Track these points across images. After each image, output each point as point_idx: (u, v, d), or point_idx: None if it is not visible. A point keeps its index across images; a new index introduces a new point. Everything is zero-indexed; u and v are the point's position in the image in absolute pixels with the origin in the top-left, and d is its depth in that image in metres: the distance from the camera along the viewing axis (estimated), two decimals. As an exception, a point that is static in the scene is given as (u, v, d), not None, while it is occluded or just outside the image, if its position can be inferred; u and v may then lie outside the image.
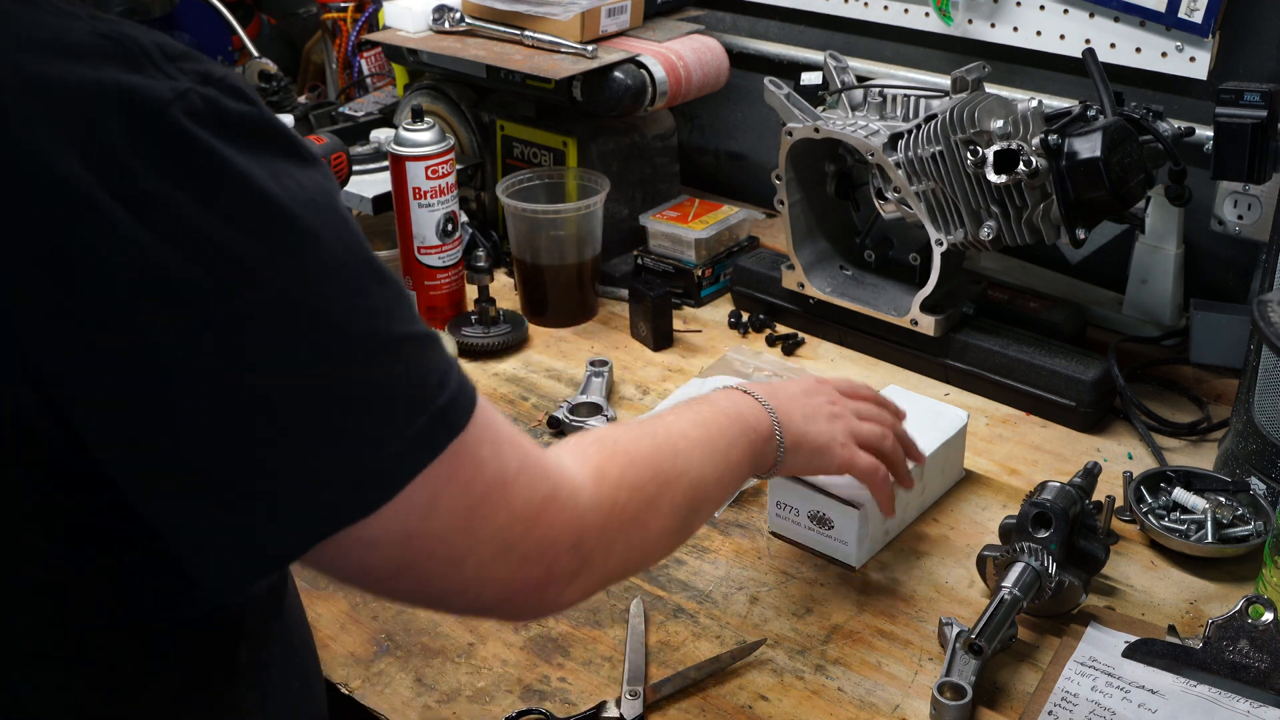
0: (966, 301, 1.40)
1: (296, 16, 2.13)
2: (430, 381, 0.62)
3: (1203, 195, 1.38)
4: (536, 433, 1.31)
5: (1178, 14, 1.37)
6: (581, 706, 0.95)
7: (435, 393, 0.62)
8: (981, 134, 1.23)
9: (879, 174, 1.33)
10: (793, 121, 1.38)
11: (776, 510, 1.12)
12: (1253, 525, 1.10)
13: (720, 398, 0.94)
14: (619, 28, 1.61)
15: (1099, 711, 0.92)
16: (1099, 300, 1.51)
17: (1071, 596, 1.01)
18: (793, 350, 1.47)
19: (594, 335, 1.53)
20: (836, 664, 0.99)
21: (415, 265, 1.49)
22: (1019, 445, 1.28)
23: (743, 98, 1.84)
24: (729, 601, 1.06)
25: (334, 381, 0.57)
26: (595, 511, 0.70)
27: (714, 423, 0.88)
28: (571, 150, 1.59)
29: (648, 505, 0.76)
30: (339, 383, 0.57)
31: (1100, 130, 1.18)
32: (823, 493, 1.08)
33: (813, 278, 1.46)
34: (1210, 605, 1.04)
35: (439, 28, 1.64)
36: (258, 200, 0.55)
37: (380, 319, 0.59)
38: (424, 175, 1.44)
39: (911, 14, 1.61)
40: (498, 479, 0.64)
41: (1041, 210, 1.23)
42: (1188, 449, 1.27)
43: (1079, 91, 1.46)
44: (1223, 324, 1.35)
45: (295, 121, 1.54)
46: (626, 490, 0.74)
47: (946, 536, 1.14)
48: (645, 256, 1.60)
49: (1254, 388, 1.14)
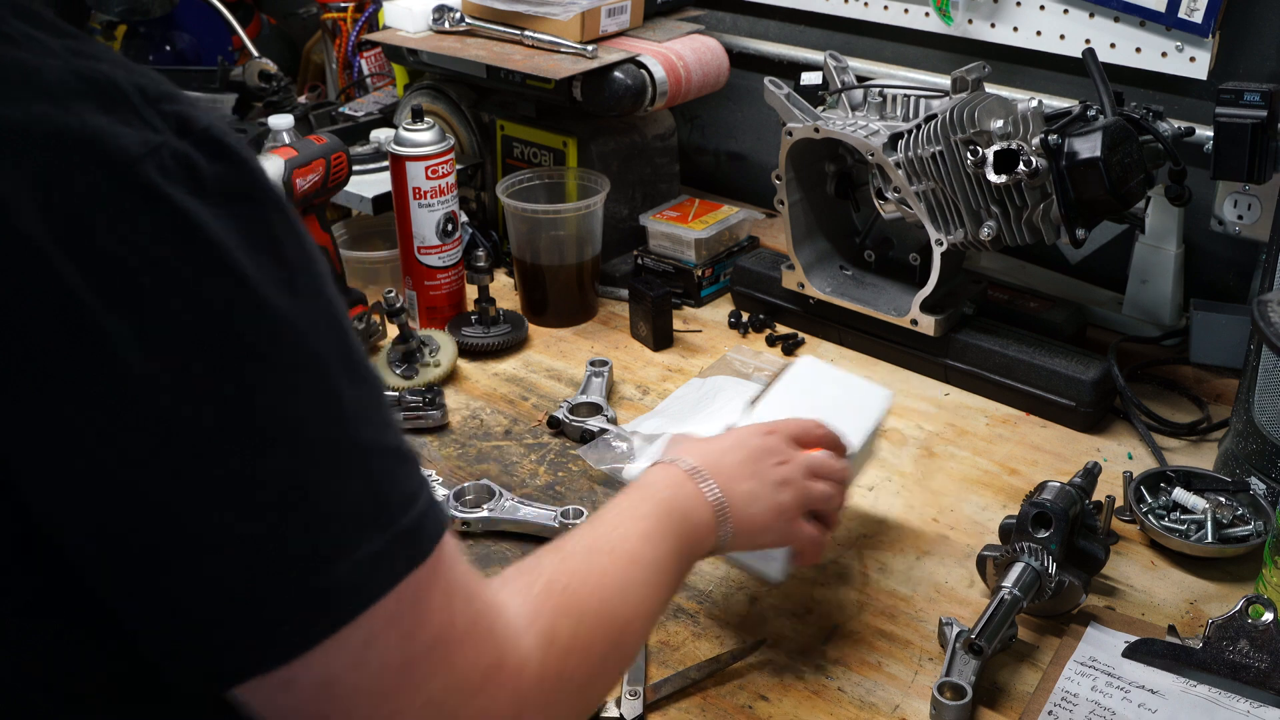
0: (966, 301, 1.40)
1: (296, 16, 2.13)
2: (393, 499, 0.55)
3: (1203, 195, 1.38)
4: (536, 432, 1.32)
5: (1178, 14, 1.37)
6: (581, 706, 0.95)
7: (398, 512, 0.55)
8: (981, 134, 1.23)
9: (879, 174, 1.33)
10: (793, 121, 1.38)
11: None
12: (1253, 525, 1.10)
13: (665, 491, 0.86)
14: (619, 28, 1.61)
15: (1099, 711, 0.92)
16: (1099, 300, 1.51)
17: (1071, 596, 1.01)
18: (793, 350, 1.47)
19: (594, 335, 1.53)
20: (836, 664, 0.99)
21: (415, 265, 1.49)
22: (1019, 445, 1.28)
23: (743, 98, 1.84)
24: (729, 601, 1.06)
25: (279, 486, 0.51)
26: (541, 685, 0.63)
27: (661, 540, 0.80)
28: (571, 150, 1.59)
29: (597, 669, 0.69)
30: (287, 489, 0.51)
31: (1100, 130, 1.18)
32: (736, 562, 1.02)
33: (813, 278, 1.46)
34: (1210, 605, 1.04)
35: (439, 28, 1.64)
36: (225, 274, 0.50)
37: (347, 423, 0.54)
38: (424, 175, 1.44)
39: (911, 14, 1.61)
40: (443, 635, 0.57)
41: (1041, 210, 1.23)
42: (1188, 449, 1.27)
43: (1079, 91, 1.46)
44: (1223, 324, 1.35)
45: (295, 121, 1.54)
46: (577, 656, 0.66)
47: (946, 536, 1.14)
48: (645, 256, 1.60)
49: (1254, 388, 1.14)
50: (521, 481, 1.23)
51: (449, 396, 1.37)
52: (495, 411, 1.36)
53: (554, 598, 0.68)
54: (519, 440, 1.31)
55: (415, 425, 1.32)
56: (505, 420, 1.34)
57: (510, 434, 1.32)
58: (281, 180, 1.32)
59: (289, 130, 1.50)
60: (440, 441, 1.31)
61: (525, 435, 1.32)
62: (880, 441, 1.19)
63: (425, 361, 1.41)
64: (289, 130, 1.50)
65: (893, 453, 1.27)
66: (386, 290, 1.38)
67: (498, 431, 1.32)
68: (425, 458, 1.28)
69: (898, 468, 1.24)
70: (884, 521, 1.16)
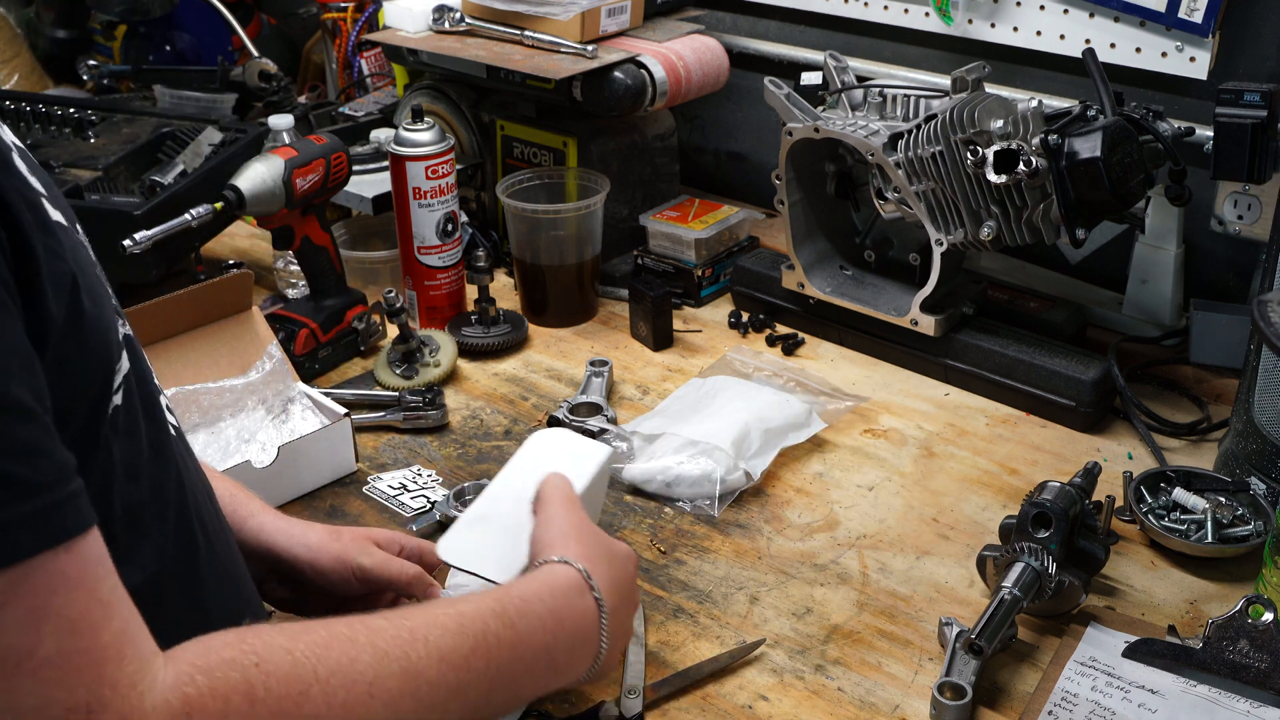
0: (966, 301, 1.40)
1: (296, 16, 2.13)
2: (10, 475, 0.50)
3: (1203, 195, 1.38)
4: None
5: (1178, 14, 1.37)
6: (581, 706, 0.95)
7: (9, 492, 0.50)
8: (981, 134, 1.23)
9: (879, 174, 1.33)
10: (793, 121, 1.38)
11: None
12: (1253, 525, 1.10)
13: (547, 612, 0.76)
14: (619, 28, 1.61)
15: (1099, 711, 0.92)
16: (1099, 300, 1.51)
17: (1071, 596, 1.01)
18: (793, 350, 1.47)
19: (594, 335, 1.53)
20: (836, 664, 0.99)
21: (415, 265, 1.49)
22: (1019, 445, 1.28)
23: (743, 98, 1.84)
24: (729, 601, 1.06)
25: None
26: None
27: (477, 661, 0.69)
28: (571, 150, 1.60)
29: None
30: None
31: (1100, 130, 1.18)
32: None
33: (813, 278, 1.46)
34: (1210, 605, 1.04)
35: (439, 28, 1.64)
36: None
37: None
38: (424, 175, 1.44)
39: (911, 14, 1.61)
40: (13, 655, 0.50)
41: (1041, 210, 1.23)
42: (1188, 449, 1.27)
43: (1079, 91, 1.46)
44: (1223, 324, 1.35)
45: (295, 121, 1.54)
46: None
47: (946, 536, 1.14)
48: (645, 256, 1.60)
49: (1254, 388, 1.14)
50: (521, 481, 1.23)
51: (449, 396, 1.37)
52: (495, 411, 1.36)
53: (236, 675, 0.58)
54: (519, 440, 1.30)
55: (415, 425, 1.32)
56: (505, 420, 1.34)
57: (510, 434, 1.32)
58: (281, 180, 1.32)
59: (289, 130, 1.51)
60: (440, 441, 1.31)
61: (525, 435, 1.31)
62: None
63: (425, 361, 1.41)
64: (289, 130, 1.51)
65: (893, 453, 1.27)
66: (386, 290, 1.38)
67: (498, 431, 1.32)
68: (425, 458, 1.28)
69: (898, 468, 1.24)
70: (884, 521, 1.16)
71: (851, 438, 1.29)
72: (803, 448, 1.26)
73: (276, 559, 0.93)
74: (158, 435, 0.72)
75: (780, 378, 1.36)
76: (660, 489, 1.19)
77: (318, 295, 1.44)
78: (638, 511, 1.19)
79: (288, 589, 0.95)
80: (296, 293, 1.56)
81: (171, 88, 1.92)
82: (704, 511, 1.17)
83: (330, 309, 1.43)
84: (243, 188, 1.30)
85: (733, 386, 1.32)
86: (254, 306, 1.33)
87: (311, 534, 0.94)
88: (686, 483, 1.18)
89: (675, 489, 1.19)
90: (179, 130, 1.66)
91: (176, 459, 0.74)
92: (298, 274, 1.55)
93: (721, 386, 1.32)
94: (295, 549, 0.92)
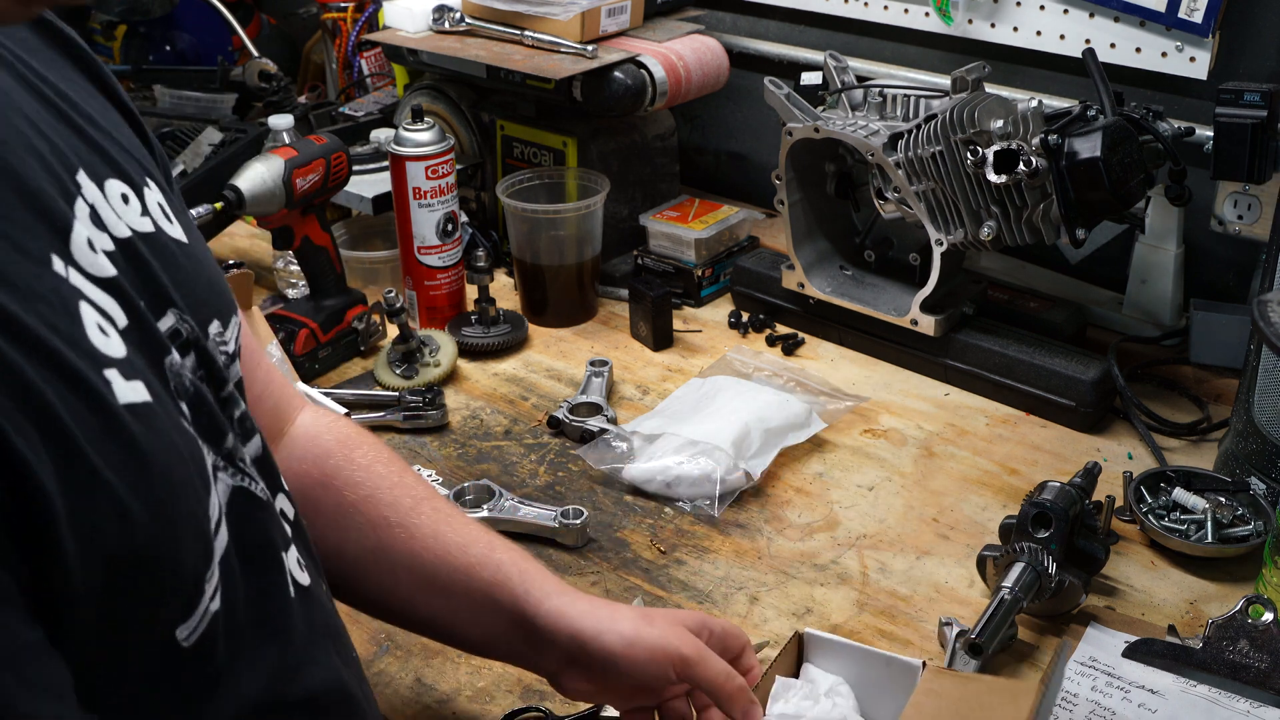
0: (966, 301, 1.40)
1: (296, 16, 2.13)
2: None
3: (1203, 195, 1.38)
4: (536, 432, 1.32)
5: (1178, 14, 1.37)
6: (581, 706, 0.95)
7: None
8: (981, 134, 1.23)
9: (879, 174, 1.33)
10: (793, 121, 1.38)
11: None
12: (1253, 525, 1.10)
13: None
14: (619, 28, 1.60)
15: (1099, 711, 0.92)
16: (1099, 300, 1.51)
17: (1071, 596, 1.01)
18: (793, 350, 1.47)
19: (594, 335, 1.53)
20: (836, 664, 0.99)
21: (415, 265, 1.49)
22: (1019, 445, 1.28)
23: (743, 98, 1.84)
24: (729, 601, 1.06)
25: None
26: None
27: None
28: (571, 150, 1.60)
29: None
30: None
31: (1100, 130, 1.18)
32: None
33: (813, 278, 1.46)
34: (1210, 605, 1.04)
35: (439, 28, 1.64)
36: None
37: None
38: (424, 175, 1.44)
39: (911, 14, 1.61)
40: None
41: (1041, 210, 1.23)
42: (1188, 449, 1.27)
43: (1079, 91, 1.46)
44: (1223, 324, 1.35)
45: (295, 121, 1.54)
46: None
47: (946, 536, 1.14)
48: (645, 256, 1.60)
49: (1254, 388, 1.14)
50: (521, 482, 1.23)
51: (449, 396, 1.37)
52: (495, 411, 1.36)
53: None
54: (519, 440, 1.31)
55: (415, 425, 1.32)
56: (505, 420, 1.34)
57: (510, 434, 1.32)
58: (281, 180, 1.32)
59: (289, 130, 1.51)
60: (440, 441, 1.31)
61: (525, 435, 1.32)
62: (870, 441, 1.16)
63: (425, 361, 1.41)
64: (289, 130, 1.51)
65: (893, 453, 1.27)
66: (386, 290, 1.38)
67: (498, 431, 1.33)
68: (425, 458, 1.28)
69: (898, 468, 1.24)
70: (884, 521, 1.16)
71: (851, 438, 1.29)
72: (803, 448, 1.26)
73: (582, 647, 0.81)
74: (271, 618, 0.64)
75: (780, 378, 1.36)
76: (660, 489, 1.19)
77: (318, 295, 1.44)
78: (638, 511, 1.19)
79: (588, 681, 0.84)
80: (296, 293, 1.56)
81: (171, 88, 1.91)
82: (704, 511, 1.17)
83: (330, 309, 1.43)
84: (242, 188, 1.30)
85: (733, 386, 1.32)
86: (254, 306, 1.32)
87: (623, 620, 0.82)
88: (686, 483, 1.18)
89: (675, 489, 1.19)
90: (179, 130, 1.66)
91: (294, 629, 0.66)
92: (298, 274, 1.55)
93: (721, 386, 1.32)
94: (607, 638, 0.81)
